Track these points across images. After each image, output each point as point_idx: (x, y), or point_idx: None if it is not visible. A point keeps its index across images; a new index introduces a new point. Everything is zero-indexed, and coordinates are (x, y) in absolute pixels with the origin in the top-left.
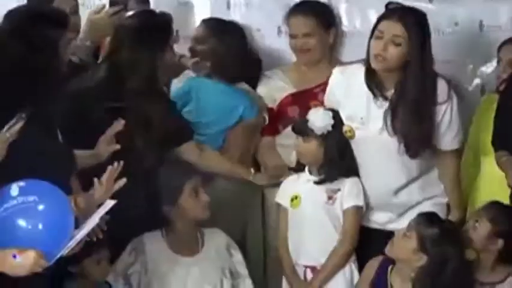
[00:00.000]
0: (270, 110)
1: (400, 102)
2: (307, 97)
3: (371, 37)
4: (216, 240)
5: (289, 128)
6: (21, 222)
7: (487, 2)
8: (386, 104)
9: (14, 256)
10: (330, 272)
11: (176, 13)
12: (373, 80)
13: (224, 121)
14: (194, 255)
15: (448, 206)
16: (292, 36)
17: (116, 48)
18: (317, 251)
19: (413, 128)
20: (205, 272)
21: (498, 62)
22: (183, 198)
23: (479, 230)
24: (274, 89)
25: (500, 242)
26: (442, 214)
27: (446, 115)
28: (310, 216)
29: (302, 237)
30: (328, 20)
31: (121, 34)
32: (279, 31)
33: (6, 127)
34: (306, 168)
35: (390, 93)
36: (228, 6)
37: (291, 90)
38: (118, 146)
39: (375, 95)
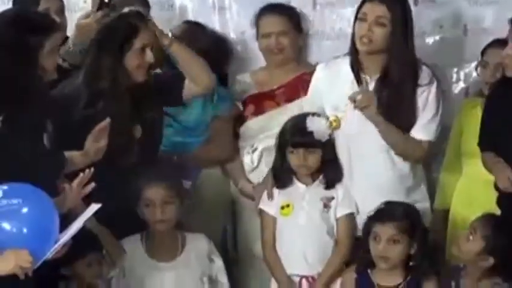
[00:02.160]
0: None
1: (384, 84)
2: (264, 97)
3: (355, 21)
4: (198, 246)
5: (244, 127)
6: (5, 225)
7: (471, 5)
8: (371, 89)
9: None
10: (328, 282)
11: (160, 17)
12: (358, 64)
13: (203, 113)
14: (172, 261)
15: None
16: (264, 35)
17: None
18: (314, 260)
19: (396, 110)
20: (181, 278)
21: (483, 65)
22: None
23: (472, 245)
24: (239, 92)
25: (490, 260)
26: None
27: (423, 97)
28: (306, 225)
29: (297, 246)
30: (297, 21)
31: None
32: None
33: None
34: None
35: (375, 77)
36: (213, 10)
37: (254, 91)
38: (104, 143)
39: (359, 80)
